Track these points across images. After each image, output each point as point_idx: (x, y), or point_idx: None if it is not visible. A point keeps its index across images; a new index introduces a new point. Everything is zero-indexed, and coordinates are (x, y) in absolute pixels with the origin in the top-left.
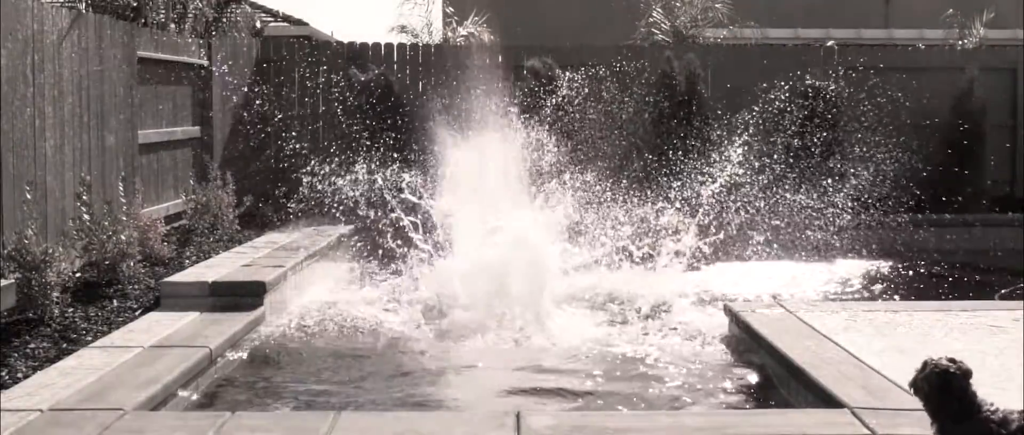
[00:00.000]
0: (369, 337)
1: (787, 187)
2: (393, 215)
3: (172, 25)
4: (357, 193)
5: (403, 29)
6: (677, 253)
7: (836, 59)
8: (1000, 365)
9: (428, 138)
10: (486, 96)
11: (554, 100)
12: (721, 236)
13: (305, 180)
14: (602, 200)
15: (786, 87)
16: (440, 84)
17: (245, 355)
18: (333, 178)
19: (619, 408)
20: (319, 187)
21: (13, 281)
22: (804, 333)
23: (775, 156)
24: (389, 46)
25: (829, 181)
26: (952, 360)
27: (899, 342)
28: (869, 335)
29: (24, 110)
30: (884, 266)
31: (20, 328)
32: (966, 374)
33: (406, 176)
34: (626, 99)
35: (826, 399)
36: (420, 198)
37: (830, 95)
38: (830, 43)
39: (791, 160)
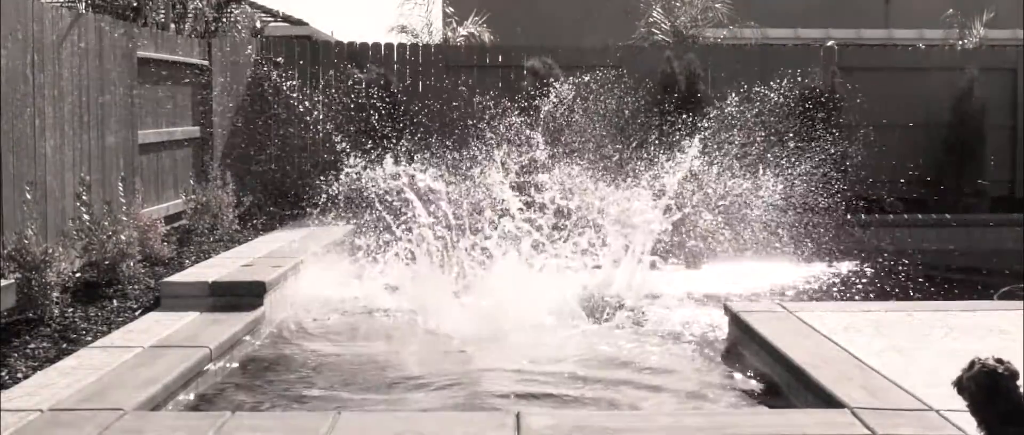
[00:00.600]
0: (370, 337)
1: (786, 188)
2: (393, 215)
3: (172, 25)
4: (358, 193)
5: (403, 29)
6: (677, 253)
7: (836, 59)
8: None
9: (428, 138)
10: (486, 96)
11: (553, 101)
12: (720, 236)
13: (305, 180)
14: (600, 200)
15: (786, 87)
16: (440, 84)
17: (245, 355)
18: (333, 178)
19: (618, 408)
20: (319, 187)
21: (13, 281)
22: (804, 333)
23: (774, 157)
24: (389, 46)
25: (828, 181)
26: (999, 360)
27: (899, 342)
28: (869, 335)
29: (24, 110)
30: (884, 266)
31: (20, 328)
32: (1014, 375)
33: (407, 176)
34: (626, 100)
35: (826, 399)
36: (421, 198)
37: (829, 95)
38: (830, 43)
39: (789, 160)
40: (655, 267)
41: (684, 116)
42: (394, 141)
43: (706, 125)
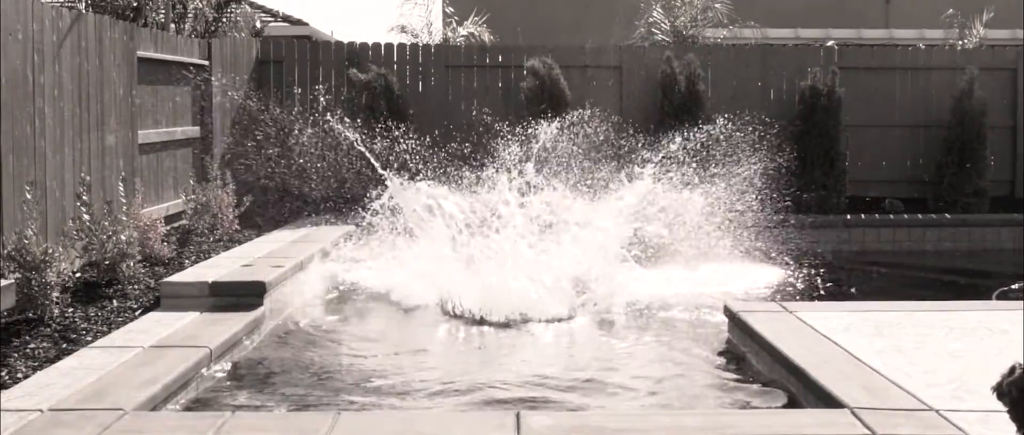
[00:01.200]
0: (370, 338)
1: (785, 187)
2: (394, 215)
3: (172, 25)
4: (358, 193)
5: (403, 29)
6: (677, 254)
7: (836, 59)
8: (1000, 366)
9: (428, 138)
10: (486, 96)
11: (554, 100)
12: (719, 237)
13: (305, 180)
14: (598, 201)
15: (785, 87)
16: (440, 84)
17: (245, 355)
18: (333, 178)
19: (617, 407)
20: (319, 187)
21: (13, 281)
22: (804, 333)
23: (773, 157)
24: (389, 46)
25: (827, 181)
26: None
27: (899, 342)
28: (869, 335)
29: (24, 110)
30: (884, 266)
31: (20, 328)
32: None
33: (407, 175)
34: (626, 99)
35: (826, 399)
36: (420, 196)
37: (829, 95)
38: (830, 43)
39: (790, 159)
40: (625, 260)
41: (684, 117)
42: (394, 142)
43: (706, 127)
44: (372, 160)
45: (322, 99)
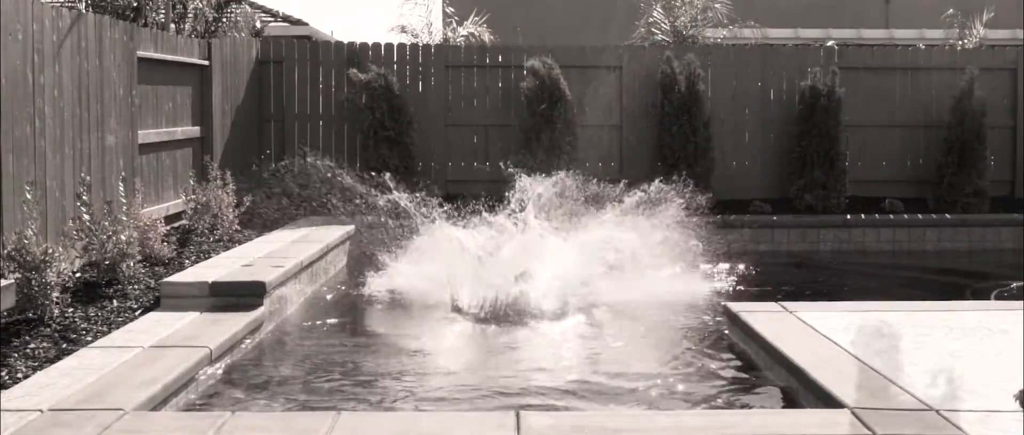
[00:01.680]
0: (371, 338)
1: (786, 187)
2: (394, 215)
3: (172, 25)
4: (359, 193)
5: (403, 29)
6: (673, 256)
7: (836, 59)
8: (1000, 366)
9: (428, 138)
10: (486, 96)
11: (554, 100)
12: (719, 237)
13: (305, 180)
14: (600, 207)
15: (785, 87)
16: (440, 84)
17: (246, 356)
18: (334, 178)
19: (617, 407)
20: (320, 187)
21: (13, 281)
22: (804, 333)
23: (773, 157)
24: (389, 46)
25: (827, 181)
26: None
27: (900, 342)
28: (869, 335)
29: (24, 110)
30: (885, 267)
31: (20, 328)
32: None
33: (407, 176)
34: (626, 99)
35: (826, 399)
36: (422, 196)
37: (828, 95)
38: (830, 43)
39: (790, 160)
40: (612, 268)
41: (684, 117)
42: (395, 141)
43: (706, 127)
44: (413, 212)
45: (322, 99)
